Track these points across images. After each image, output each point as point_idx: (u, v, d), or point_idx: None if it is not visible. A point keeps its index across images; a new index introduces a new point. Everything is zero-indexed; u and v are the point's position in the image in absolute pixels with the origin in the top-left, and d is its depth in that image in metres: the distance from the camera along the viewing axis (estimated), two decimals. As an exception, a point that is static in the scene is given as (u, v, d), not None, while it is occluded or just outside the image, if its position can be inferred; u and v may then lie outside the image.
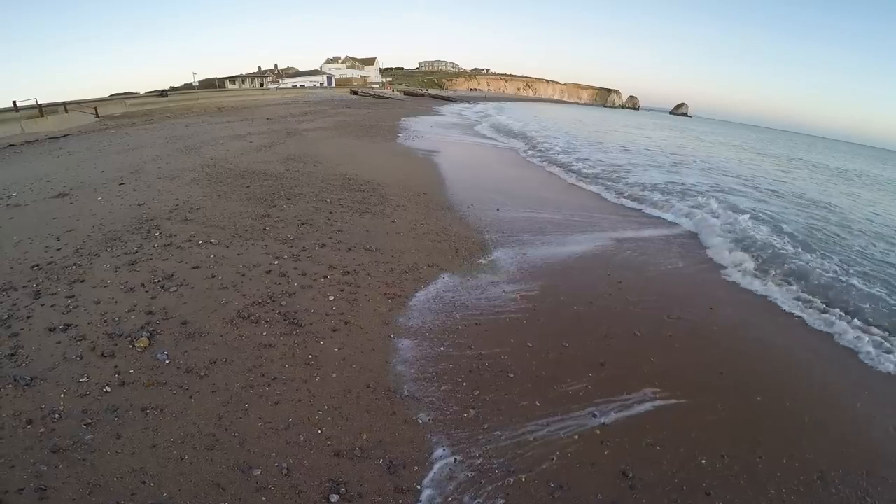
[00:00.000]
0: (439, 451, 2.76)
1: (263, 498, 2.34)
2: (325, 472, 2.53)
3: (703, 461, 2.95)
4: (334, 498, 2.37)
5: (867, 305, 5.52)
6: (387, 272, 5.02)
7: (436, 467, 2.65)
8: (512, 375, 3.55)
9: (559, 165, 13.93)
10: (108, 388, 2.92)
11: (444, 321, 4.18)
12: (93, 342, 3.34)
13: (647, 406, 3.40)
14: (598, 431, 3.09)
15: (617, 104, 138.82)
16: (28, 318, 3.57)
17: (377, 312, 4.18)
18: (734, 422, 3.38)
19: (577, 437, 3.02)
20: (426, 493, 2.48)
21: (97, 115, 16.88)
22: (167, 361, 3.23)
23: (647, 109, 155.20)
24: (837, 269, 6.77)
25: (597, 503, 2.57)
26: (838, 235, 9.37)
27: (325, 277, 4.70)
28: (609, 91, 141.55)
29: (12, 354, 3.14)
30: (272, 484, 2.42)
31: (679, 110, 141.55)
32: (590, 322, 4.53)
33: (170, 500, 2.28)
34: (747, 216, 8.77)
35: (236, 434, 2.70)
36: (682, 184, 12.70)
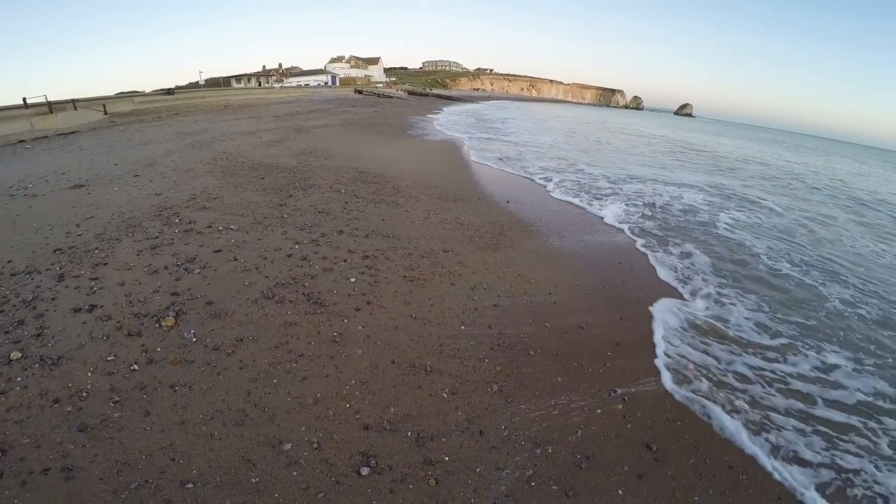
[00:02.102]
0: (466, 424, 2.78)
1: (294, 472, 2.32)
2: (355, 445, 2.53)
3: (724, 435, 2.97)
4: (365, 471, 2.37)
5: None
6: (404, 257, 5.06)
7: (463, 439, 2.67)
8: (532, 353, 3.58)
9: (558, 164, 14.33)
10: (136, 367, 2.93)
11: (463, 302, 4.22)
12: (119, 322, 3.36)
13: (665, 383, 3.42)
14: (619, 406, 3.11)
15: (621, 104, 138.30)
16: (53, 299, 3.60)
17: (398, 293, 4.22)
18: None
19: (599, 411, 3.04)
20: (455, 464, 2.50)
21: (105, 113, 17.04)
22: (194, 340, 3.26)
23: (652, 110, 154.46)
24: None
25: (624, 474, 2.59)
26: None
27: (345, 261, 4.75)
28: (613, 91, 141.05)
29: (38, 334, 3.16)
30: (303, 458, 2.41)
31: (683, 111, 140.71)
32: (603, 303, 4.57)
33: (199, 476, 2.24)
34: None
35: (265, 409, 2.70)
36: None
